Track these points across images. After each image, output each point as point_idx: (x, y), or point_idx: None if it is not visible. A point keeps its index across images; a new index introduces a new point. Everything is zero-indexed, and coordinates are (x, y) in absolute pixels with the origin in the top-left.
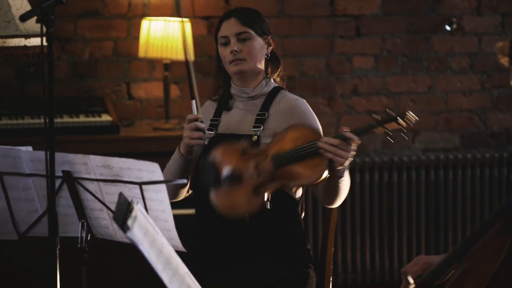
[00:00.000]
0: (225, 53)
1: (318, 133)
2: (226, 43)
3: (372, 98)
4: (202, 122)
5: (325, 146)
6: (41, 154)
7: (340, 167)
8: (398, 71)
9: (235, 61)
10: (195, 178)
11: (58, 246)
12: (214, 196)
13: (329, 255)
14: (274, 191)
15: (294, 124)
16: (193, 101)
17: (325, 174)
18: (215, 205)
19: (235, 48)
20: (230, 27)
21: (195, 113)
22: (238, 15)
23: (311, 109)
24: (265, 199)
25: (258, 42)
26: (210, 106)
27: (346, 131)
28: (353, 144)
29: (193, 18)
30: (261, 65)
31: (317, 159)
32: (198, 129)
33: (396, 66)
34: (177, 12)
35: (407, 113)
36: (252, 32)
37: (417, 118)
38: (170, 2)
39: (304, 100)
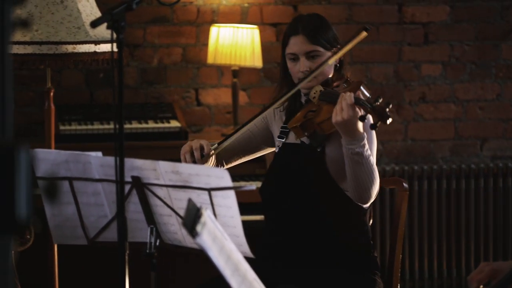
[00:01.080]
0: (294, 69)
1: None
2: (295, 59)
3: (440, 106)
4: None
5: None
6: (111, 159)
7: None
8: (467, 78)
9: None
10: (264, 184)
11: (127, 251)
12: None
13: (397, 262)
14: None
15: None
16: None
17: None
18: None
19: (306, 69)
20: (298, 45)
21: None
22: (307, 32)
23: None
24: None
25: (327, 57)
26: (278, 114)
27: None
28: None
29: (261, 25)
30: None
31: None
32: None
33: (464, 73)
34: None
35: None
36: (321, 49)
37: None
38: (239, 9)
39: None
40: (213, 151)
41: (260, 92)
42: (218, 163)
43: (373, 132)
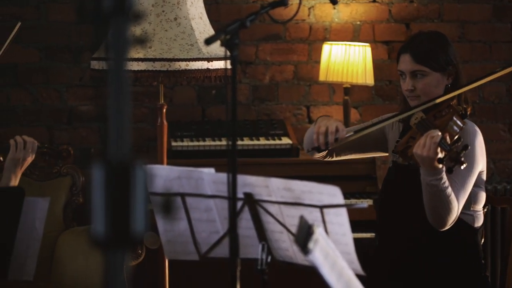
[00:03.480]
0: (402, 86)
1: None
2: (403, 77)
3: None
4: None
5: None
6: (223, 176)
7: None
8: None
9: (411, 97)
10: (378, 201)
11: (239, 268)
12: None
13: (509, 282)
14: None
15: None
16: None
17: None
18: None
19: (410, 87)
20: (405, 64)
21: None
22: (413, 52)
23: (478, 135)
24: None
25: (434, 77)
26: (396, 124)
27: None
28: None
29: (373, 42)
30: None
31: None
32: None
33: None
34: None
35: None
36: (427, 69)
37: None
38: (351, 26)
39: (476, 127)
40: (346, 138)
41: (371, 110)
42: (328, 155)
43: (478, 150)
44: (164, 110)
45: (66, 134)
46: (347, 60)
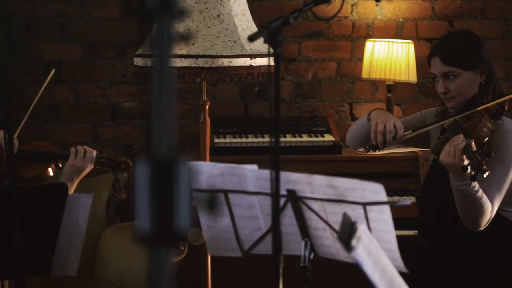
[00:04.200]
0: (437, 89)
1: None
2: (436, 80)
3: None
4: None
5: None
6: (266, 172)
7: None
8: None
9: (446, 99)
10: (420, 198)
11: (282, 265)
12: None
13: None
14: None
15: None
16: None
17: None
18: None
19: (443, 90)
20: (436, 67)
21: None
22: (442, 54)
23: None
24: None
25: (466, 77)
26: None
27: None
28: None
29: (416, 39)
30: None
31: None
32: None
33: None
34: None
35: None
36: (458, 70)
37: None
38: (394, 23)
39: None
40: (404, 136)
41: (414, 107)
42: (373, 149)
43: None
44: (207, 107)
45: (109, 130)
46: (390, 57)
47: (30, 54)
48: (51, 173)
